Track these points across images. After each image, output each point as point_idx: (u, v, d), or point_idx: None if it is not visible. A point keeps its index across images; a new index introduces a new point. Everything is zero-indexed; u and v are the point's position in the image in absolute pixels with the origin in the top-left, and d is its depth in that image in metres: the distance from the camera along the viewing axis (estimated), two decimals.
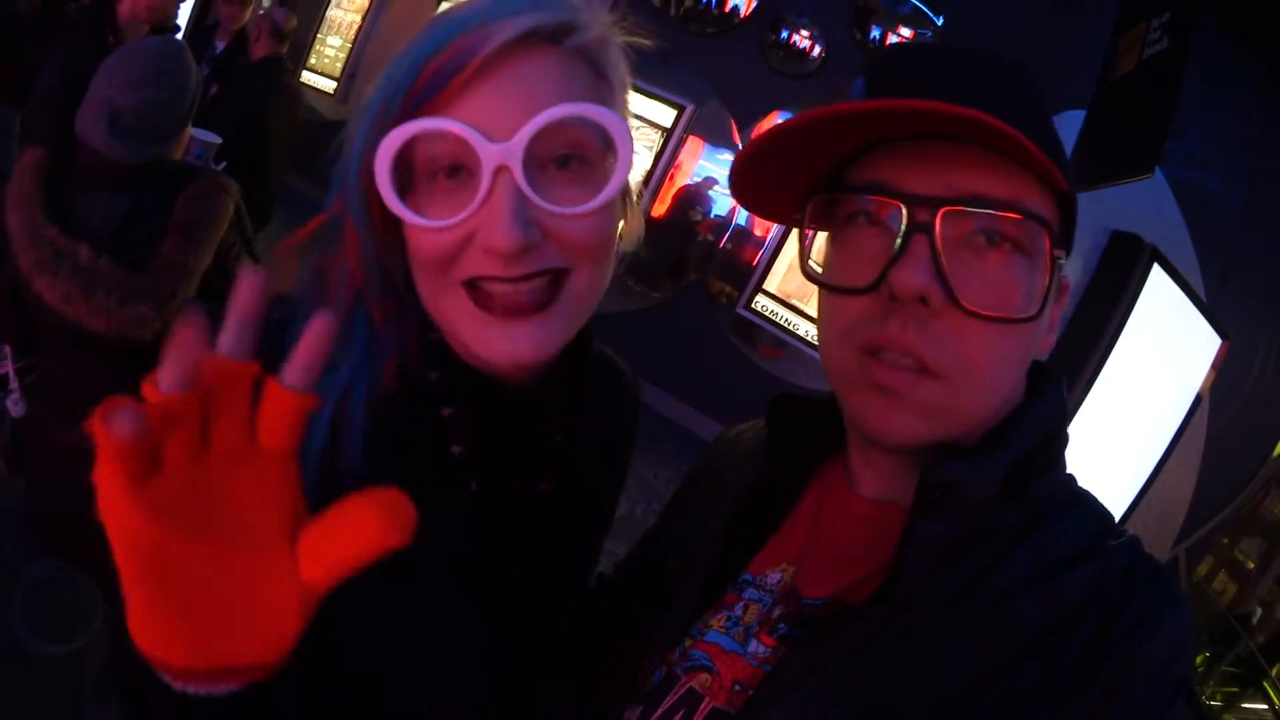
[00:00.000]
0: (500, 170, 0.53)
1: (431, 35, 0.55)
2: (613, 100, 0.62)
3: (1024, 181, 0.54)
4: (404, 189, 0.56)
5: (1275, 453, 5.13)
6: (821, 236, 0.63)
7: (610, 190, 0.57)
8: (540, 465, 0.69)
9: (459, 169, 0.56)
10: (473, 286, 0.57)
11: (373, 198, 0.57)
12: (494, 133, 0.53)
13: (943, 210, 0.53)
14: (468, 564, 0.65)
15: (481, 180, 0.53)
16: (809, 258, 0.62)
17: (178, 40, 1.71)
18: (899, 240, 0.54)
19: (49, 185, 1.56)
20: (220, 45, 3.97)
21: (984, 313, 0.53)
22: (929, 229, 0.53)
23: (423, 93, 0.54)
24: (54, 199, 1.55)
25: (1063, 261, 0.57)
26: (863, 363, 0.57)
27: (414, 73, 0.54)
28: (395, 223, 0.58)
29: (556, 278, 0.58)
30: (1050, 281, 0.55)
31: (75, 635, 1.87)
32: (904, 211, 0.54)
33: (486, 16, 0.54)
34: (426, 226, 0.55)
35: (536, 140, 0.54)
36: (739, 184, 0.63)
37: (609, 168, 0.58)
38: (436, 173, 0.56)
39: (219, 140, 2.35)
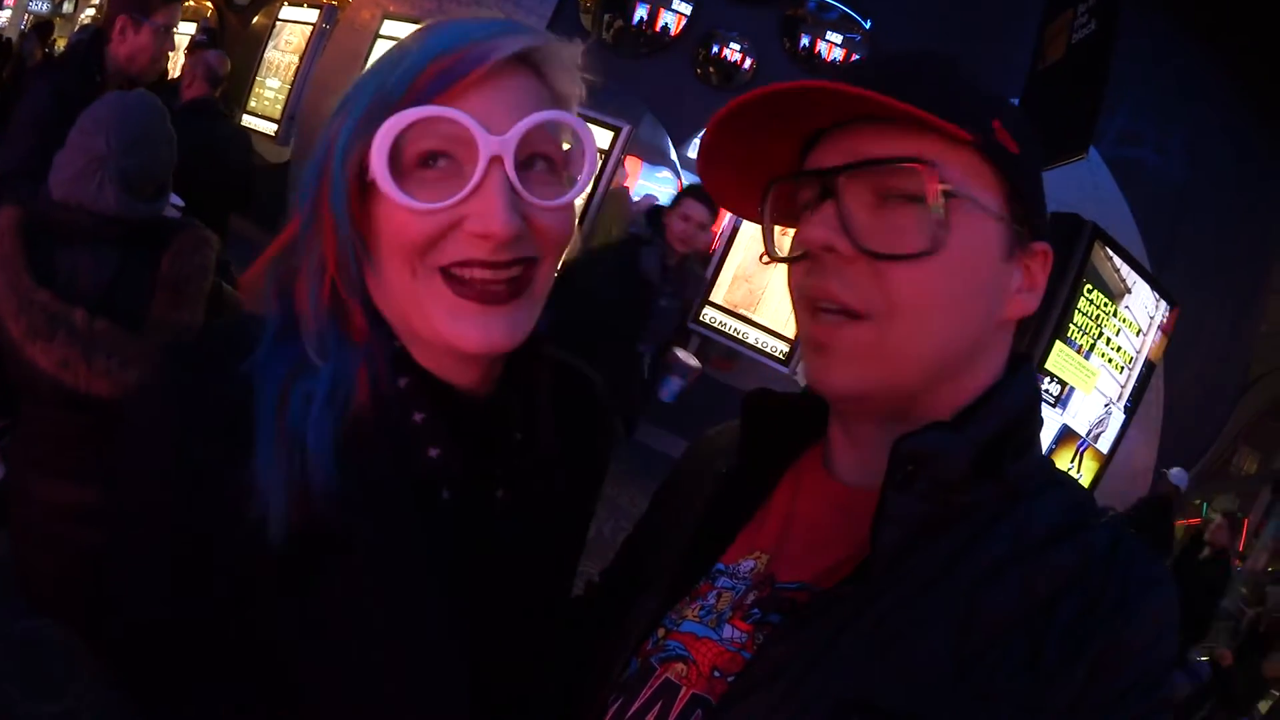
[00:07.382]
0: (494, 161, 0.58)
1: (435, 40, 0.60)
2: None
3: (922, 140, 0.57)
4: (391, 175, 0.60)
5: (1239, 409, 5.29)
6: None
7: (580, 187, 0.65)
8: (498, 473, 0.71)
9: (448, 159, 0.60)
10: (449, 275, 0.60)
11: (354, 187, 0.60)
12: (491, 127, 0.58)
13: (843, 175, 0.59)
14: (449, 570, 0.66)
15: (475, 170, 0.58)
16: (773, 244, 0.68)
17: (150, 93, 1.70)
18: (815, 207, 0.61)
19: (29, 245, 1.52)
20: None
21: (881, 251, 0.57)
22: (834, 192, 0.59)
23: (426, 88, 0.58)
24: (35, 259, 1.51)
25: (955, 194, 0.57)
26: (808, 325, 0.62)
27: (417, 70, 0.59)
28: (368, 215, 0.61)
29: (528, 266, 0.63)
30: (946, 216, 0.57)
31: (65, 693, 1.81)
32: (820, 183, 0.61)
33: (488, 33, 0.61)
34: (417, 209, 0.58)
35: (523, 138, 0.59)
36: (713, 189, 0.71)
37: (568, 172, 0.65)
38: (424, 161, 0.60)
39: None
